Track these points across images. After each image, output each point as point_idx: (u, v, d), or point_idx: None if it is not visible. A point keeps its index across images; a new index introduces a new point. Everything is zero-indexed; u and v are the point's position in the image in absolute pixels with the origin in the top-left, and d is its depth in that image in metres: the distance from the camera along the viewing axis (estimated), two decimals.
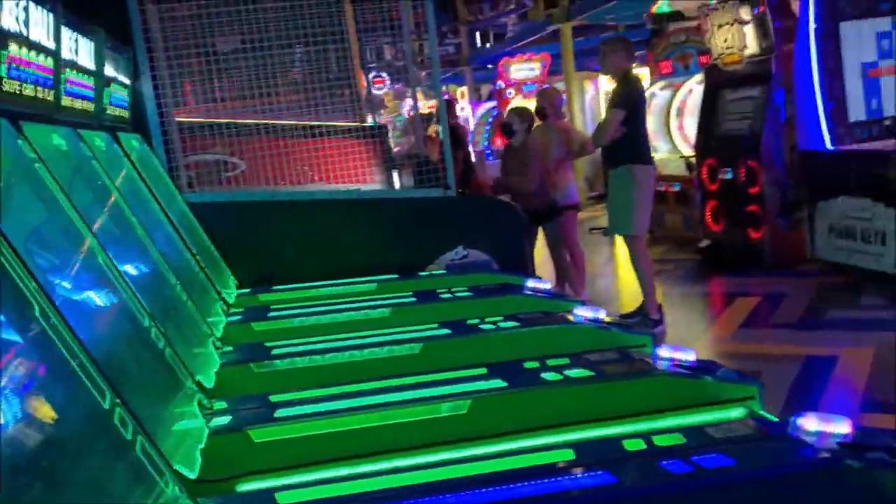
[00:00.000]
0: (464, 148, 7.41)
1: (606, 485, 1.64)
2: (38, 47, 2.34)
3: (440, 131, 4.90)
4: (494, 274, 4.12)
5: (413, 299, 3.65)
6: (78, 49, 2.90)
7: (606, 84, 12.71)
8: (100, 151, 3.12)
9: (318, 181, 4.81)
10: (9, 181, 2.00)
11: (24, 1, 2.17)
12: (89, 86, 3.07)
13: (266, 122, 4.80)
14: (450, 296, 3.61)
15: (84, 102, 3.02)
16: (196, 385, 2.25)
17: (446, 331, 3.00)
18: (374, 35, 5.31)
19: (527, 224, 5.40)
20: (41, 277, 1.53)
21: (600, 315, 3.06)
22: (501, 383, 2.31)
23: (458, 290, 3.68)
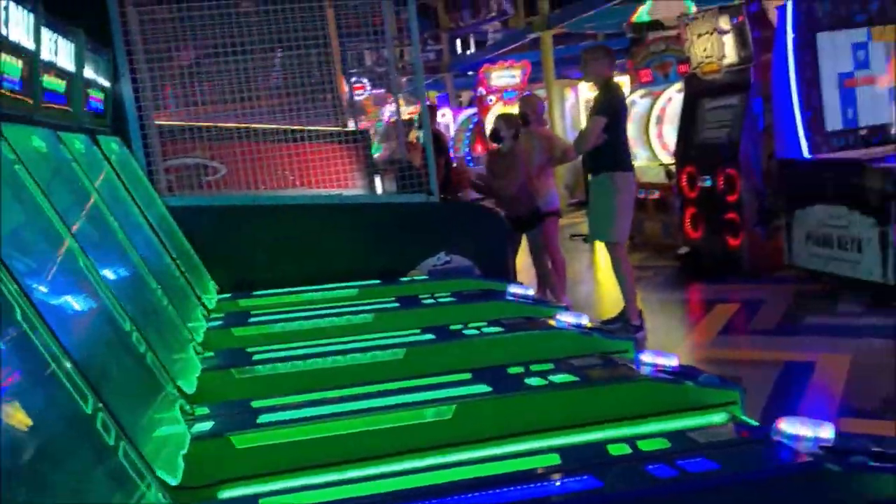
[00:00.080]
0: (445, 154, 7.41)
1: (593, 489, 1.64)
2: (18, 48, 2.31)
3: (420, 136, 4.90)
4: (477, 280, 4.12)
5: (396, 304, 3.63)
6: (58, 50, 2.87)
7: (586, 92, 12.80)
8: (79, 154, 3.08)
9: (300, 186, 4.79)
10: None
11: (5, 1, 2.14)
12: (69, 87, 3.04)
13: (247, 126, 4.78)
14: (432, 301, 3.60)
15: (63, 104, 2.98)
16: (177, 390, 2.22)
17: (430, 336, 2.99)
18: (356, 40, 5.30)
19: (510, 231, 5.41)
20: (22, 280, 1.51)
21: (583, 321, 3.07)
22: (486, 388, 2.30)
23: (441, 296, 3.67)
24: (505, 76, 14.93)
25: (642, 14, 9.84)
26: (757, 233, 6.78)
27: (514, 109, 7.37)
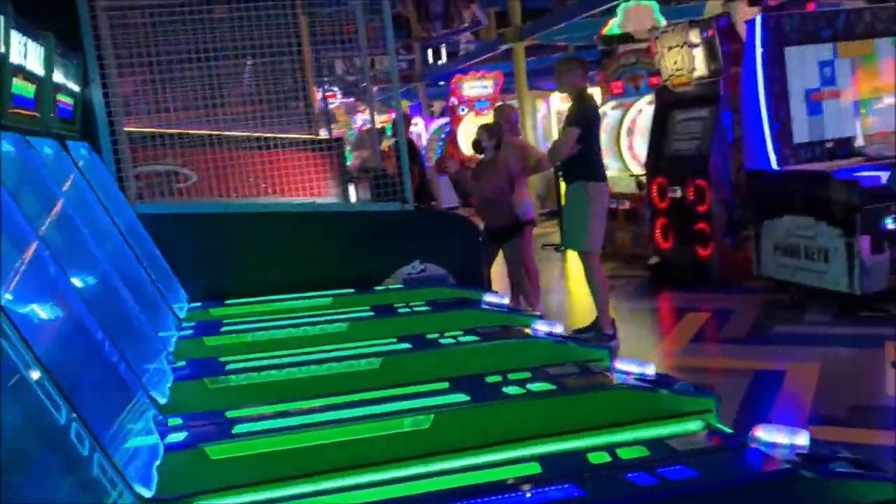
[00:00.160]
0: (419, 162, 7.42)
1: (573, 498, 1.64)
2: None
3: (392, 145, 4.89)
4: (451, 288, 4.11)
5: (371, 313, 3.61)
6: (27, 54, 2.81)
7: (558, 103, 12.89)
8: (48, 159, 3.02)
9: (273, 194, 4.74)
10: None
11: None
12: (38, 92, 2.97)
13: (219, 134, 4.72)
14: (408, 310, 3.58)
15: (32, 109, 2.92)
16: (150, 400, 2.18)
17: (406, 345, 2.98)
18: (329, 48, 5.27)
19: (487, 241, 5.42)
20: None
21: (557, 329, 3.08)
22: (464, 397, 2.30)
23: (416, 305, 3.66)
24: (477, 86, 15.01)
25: (613, 27, 9.94)
26: (726, 243, 6.87)
27: (487, 120, 7.40)
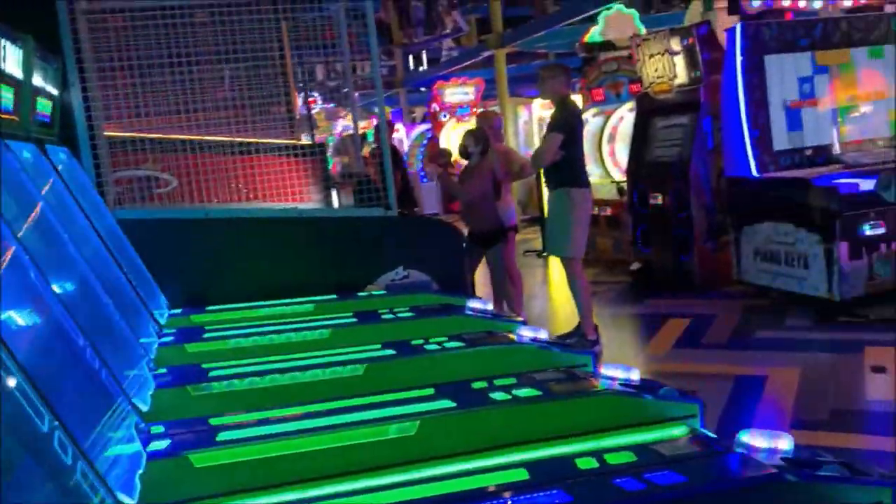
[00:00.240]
0: (401, 168, 7.41)
1: None
2: None
3: (373, 150, 4.88)
4: (435, 294, 4.10)
5: (354, 320, 3.60)
6: (6, 57, 2.77)
7: (540, 110, 12.94)
8: (27, 163, 2.98)
9: (254, 199, 4.71)
10: None
11: None
12: (17, 95, 2.93)
13: (200, 139, 4.68)
14: (391, 316, 3.57)
15: (10, 112, 2.88)
16: (132, 408, 2.15)
17: (390, 351, 2.96)
18: (311, 52, 5.25)
19: (471, 246, 5.42)
20: None
21: (542, 335, 3.08)
22: (450, 403, 2.29)
23: (400, 311, 3.65)
24: (458, 93, 15.04)
25: (594, 34, 10.00)
26: (706, 249, 6.92)
27: (469, 126, 7.40)
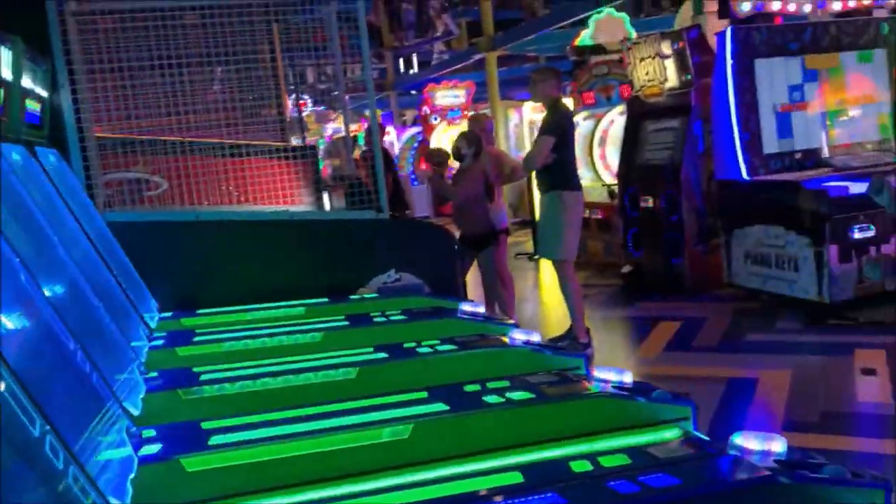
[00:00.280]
0: (393, 170, 7.40)
1: None
2: None
3: (364, 153, 4.86)
4: (427, 297, 4.09)
5: (346, 323, 3.58)
6: None
7: (531, 113, 12.96)
8: (16, 165, 2.95)
9: (245, 202, 4.69)
10: None
11: None
12: (6, 97, 2.91)
13: (190, 141, 4.66)
14: (384, 319, 3.56)
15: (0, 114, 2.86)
16: (123, 412, 2.13)
17: (383, 354, 2.95)
18: (302, 55, 5.24)
19: (463, 249, 5.41)
20: None
21: (535, 338, 3.07)
22: (443, 406, 2.28)
23: (392, 314, 3.63)
24: (449, 96, 15.05)
25: (585, 38, 10.03)
26: (697, 252, 6.94)
27: (461, 129, 7.42)
